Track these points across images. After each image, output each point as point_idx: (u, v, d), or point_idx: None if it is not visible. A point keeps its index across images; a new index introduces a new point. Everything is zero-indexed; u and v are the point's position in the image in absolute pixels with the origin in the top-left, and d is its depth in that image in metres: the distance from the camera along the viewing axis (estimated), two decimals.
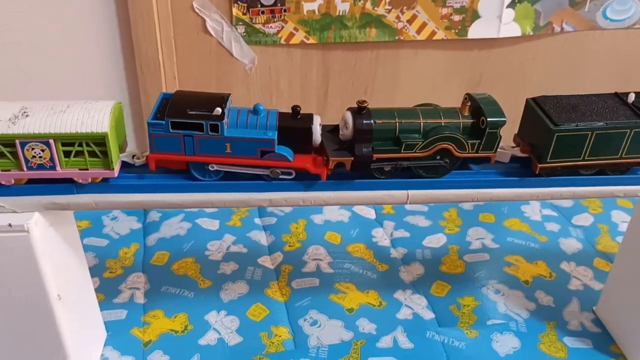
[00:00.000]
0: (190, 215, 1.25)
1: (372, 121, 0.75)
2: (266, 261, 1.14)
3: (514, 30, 1.33)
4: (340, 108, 1.38)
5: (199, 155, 0.73)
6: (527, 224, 1.27)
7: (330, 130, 0.78)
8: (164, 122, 0.71)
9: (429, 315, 1.03)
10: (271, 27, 1.25)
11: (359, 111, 0.75)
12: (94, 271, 1.09)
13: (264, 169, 0.75)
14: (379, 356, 0.94)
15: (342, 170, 0.76)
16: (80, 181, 0.73)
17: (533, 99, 0.81)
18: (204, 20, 1.22)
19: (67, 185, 0.73)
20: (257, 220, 1.26)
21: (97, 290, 0.96)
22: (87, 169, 0.72)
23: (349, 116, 0.75)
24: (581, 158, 0.78)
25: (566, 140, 0.76)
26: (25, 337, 0.80)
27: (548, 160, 0.77)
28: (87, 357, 0.89)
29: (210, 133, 0.72)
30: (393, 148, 0.75)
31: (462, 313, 1.03)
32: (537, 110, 0.79)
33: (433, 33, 1.31)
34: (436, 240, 1.22)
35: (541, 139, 0.77)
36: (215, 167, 0.74)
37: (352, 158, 0.75)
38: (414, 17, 1.29)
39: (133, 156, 0.76)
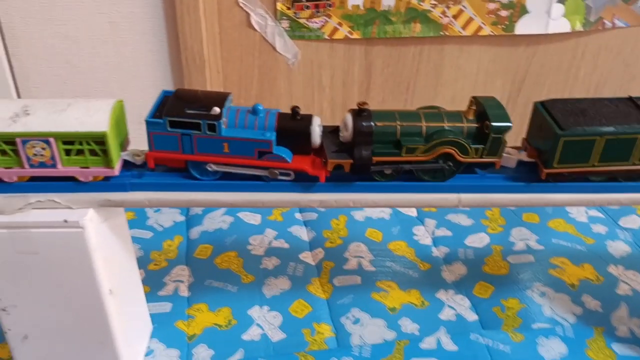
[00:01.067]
0: (232, 209, 1.26)
1: (372, 123, 0.73)
2: (307, 257, 1.15)
3: (563, 26, 1.30)
4: (382, 104, 1.38)
5: (197, 155, 0.74)
6: (572, 225, 1.24)
7: (332, 131, 0.77)
8: (162, 120, 0.71)
9: (472, 316, 1.03)
10: (315, 21, 1.24)
11: (360, 113, 0.74)
12: (139, 263, 1.09)
13: (263, 170, 0.74)
14: (422, 357, 0.94)
15: (342, 172, 0.75)
16: (81, 179, 0.74)
17: (541, 102, 0.79)
18: (248, 15, 1.22)
19: (121, 182, 0.75)
20: (297, 216, 1.26)
21: (142, 282, 0.97)
22: (88, 167, 0.73)
23: (348, 118, 0.74)
24: (590, 164, 0.76)
25: (573, 145, 0.74)
26: (76, 331, 0.82)
27: (555, 166, 0.75)
28: (134, 350, 0.91)
29: (208, 132, 0.72)
30: (393, 151, 0.74)
31: (506, 315, 1.02)
32: (544, 114, 0.76)
33: (479, 29, 1.29)
34: (479, 240, 1.21)
35: (548, 143, 0.75)
36: (214, 167, 0.74)
37: (351, 160, 0.74)
38: (460, 12, 1.27)
39: (134, 154, 0.77)
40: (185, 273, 1.10)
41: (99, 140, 0.71)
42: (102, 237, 0.77)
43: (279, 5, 1.21)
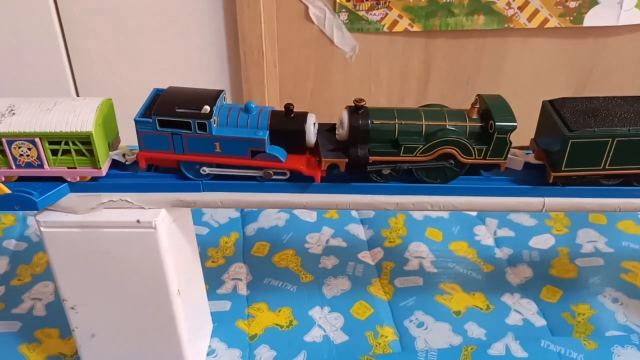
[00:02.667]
0: None
1: (368, 121, 0.70)
2: (366, 257, 1.12)
3: (636, 17, 1.24)
4: (441, 99, 1.34)
5: (189, 154, 0.71)
6: None
7: (329, 130, 0.74)
8: (151, 120, 0.69)
9: (540, 321, 0.99)
10: (375, 14, 1.21)
11: (356, 110, 0.70)
12: None
13: (256, 170, 0.72)
14: None
15: (340, 173, 0.72)
16: (69, 180, 0.72)
17: (550, 101, 0.74)
18: (306, 8, 1.19)
19: (194, 182, 0.73)
20: (354, 214, 1.23)
21: None
22: (76, 168, 0.71)
23: (345, 115, 0.70)
24: (601, 167, 0.71)
25: (583, 147, 0.69)
26: (142, 330, 0.81)
27: (563, 169, 0.70)
28: (197, 349, 0.90)
29: (198, 132, 0.69)
30: (392, 151, 0.70)
31: (576, 322, 0.98)
32: (553, 114, 0.71)
33: (545, 21, 1.24)
34: (543, 242, 1.16)
35: (555, 145, 0.70)
36: (207, 170, 0.72)
37: (347, 160, 0.70)
38: (526, 3, 1.22)
39: (123, 154, 0.75)
40: (243, 271, 1.09)
41: (85, 140, 0.69)
42: (172, 237, 0.75)
43: None
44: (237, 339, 0.96)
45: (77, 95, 1.20)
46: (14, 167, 0.71)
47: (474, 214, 1.24)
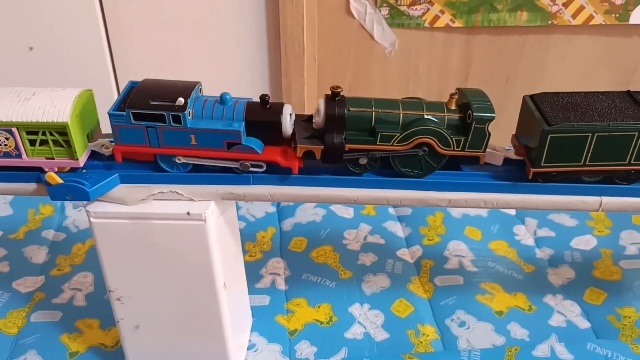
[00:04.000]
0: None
1: (345, 109, 0.69)
2: (405, 254, 1.11)
3: None
4: None
5: (165, 147, 0.70)
6: None
7: (306, 120, 0.73)
8: (125, 113, 0.68)
9: (584, 324, 0.97)
10: (416, 9, 1.20)
11: (333, 98, 0.69)
12: None
13: (233, 162, 0.71)
14: None
15: (319, 166, 0.72)
16: (47, 170, 0.72)
17: (531, 96, 0.73)
18: (348, 2, 1.18)
19: (244, 175, 0.72)
20: (391, 211, 1.22)
21: None
22: (54, 159, 0.71)
23: (321, 103, 0.70)
24: (582, 163, 0.69)
25: (562, 142, 0.68)
26: (187, 323, 0.81)
27: (543, 165, 0.69)
28: (239, 343, 0.90)
29: (173, 124, 0.68)
30: (368, 139, 0.70)
31: (622, 325, 0.96)
32: (533, 109, 0.70)
33: (590, 18, 1.21)
34: (585, 243, 1.14)
35: (535, 140, 0.69)
36: (182, 160, 0.71)
37: (322, 147, 0.69)
38: (571, 0, 1.19)
39: (102, 146, 0.74)
40: (281, 266, 1.08)
41: (62, 130, 0.69)
42: (219, 230, 0.75)
43: None
44: (277, 334, 0.95)
45: (118, 87, 1.21)
46: None
47: (513, 213, 1.23)
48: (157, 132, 0.69)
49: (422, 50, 1.24)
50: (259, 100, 0.71)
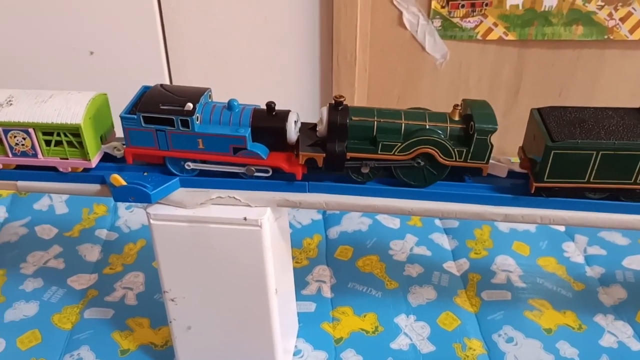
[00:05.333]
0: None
1: (347, 118, 0.69)
2: (451, 267, 1.10)
3: None
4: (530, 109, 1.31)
5: (173, 150, 0.72)
6: None
7: (311, 128, 0.74)
8: (135, 116, 0.70)
9: (637, 346, 0.94)
10: (469, 21, 1.19)
11: (336, 106, 0.70)
12: None
13: (239, 167, 0.72)
14: None
15: (323, 172, 0.73)
16: (61, 170, 0.75)
17: (538, 109, 0.72)
18: (400, 13, 1.19)
19: (299, 182, 0.73)
20: (437, 222, 1.22)
21: None
22: (67, 159, 0.74)
23: (324, 111, 0.70)
24: (585, 180, 0.68)
25: (566, 158, 0.67)
26: (238, 326, 0.82)
27: (545, 180, 0.68)
28: (286, 348, 0.90)
29: (181, 128, 0.70)
30: (369, 147, 0.70)
31: None
32: (539, 123, 0.69)
33: None
34: (638, 262, 1.11)
35: (539, 155, 0.68)
36: (191, 165, 0.73)
37: (324, 154, 0.70)
38: (629, 14, 1.17)
39: (114, 148, 0.76)
40: (327, 273, 1.09)
41: (75, 132, 0.72)
42: (273, 235, 0.76)
43: (434, 4, 1.17)
44: (322, 341, 0.96)
45: None
46: (10, 155, 0.75)
47: (562, 229, 1.21)
48: (166, 136, 0.72)
49: (472, 62, 1.24)
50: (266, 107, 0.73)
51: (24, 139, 0.73)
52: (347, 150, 0.71)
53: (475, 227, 1.19)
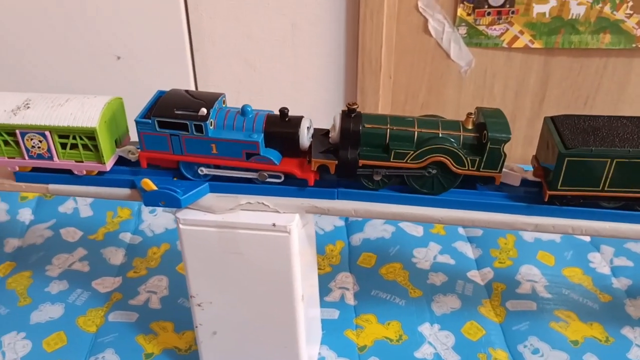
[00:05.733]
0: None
1: (360, 125, 0.69)
2: (475, 276, 1.10)
3: None
4: None
5: (187, 155, 0.73)
6: None
7: (325, 134, 0.74)
8: (150, 120, 0.70)
9: None
10: (495, 29, 1.19)
11: (348, 113, 0.70)
12: None
13: (252, 172, 0.73)
14: None
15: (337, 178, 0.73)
16: (76, 172, 0.76)
17: (552, 117, 0.71)
18: (426, 20, 1.18)
19: (329, 189, 0.73)
20: (461, 231, 1.21)
21: None
22: (82, 162, 0.75)
23: (337, 118, 0.70)
24: (600, 188, 0.67)
25: (580, 166, 0.66)
26: (263, 332, 0.82)
27: (559, 188, 0.68)
28: (310, 355, 0.90)
29: (195, 133, 0.70)
30: (382, 155, 0.70)
31: None
32: (552, 131, 0.68)
33: None
34: None
35: (552, 163, 0.67)
36: (205, 171, 0.74)
37: (336, 161, 0.70)
38: None
39: (129, 151, 0.76)
40: (350, 280, 1.09)
41: (90, 135, 0.73)
42: (301, 242, 0.76)
43: (460, 11, 1.17)
44: (346, 348, 0.95)
45: None
46: (27, 157, 0.76)
47: (588, 239, 1.19)
48: (180, 140, 0.72)
49: (498, 70, 1.23)
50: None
51: (40, 141, 0.74)
52: (360, 157, 0.71)
53: (499, 236, 1.18)
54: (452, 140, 0.70)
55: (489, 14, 1.17)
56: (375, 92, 1.18)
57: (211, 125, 0.71)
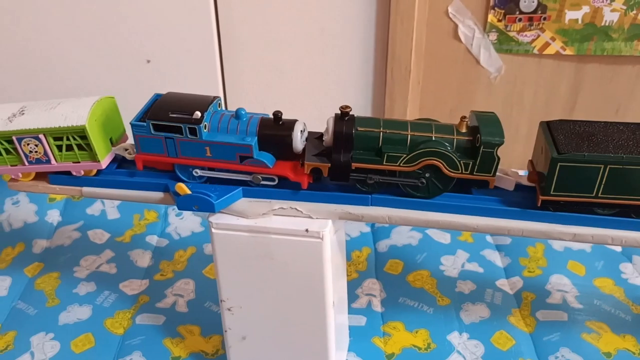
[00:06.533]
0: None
1: (352, 128, 0.69)
2: (504, 285, 1.08)
3: None
4: None
5: (181, 158, 0.73)
6: None
7: (318, 137, 0.74)
8: (145, 124, 0.71)
9: None
10: (526, 35, 1.18)
11: (342, 117, 0.70)
12: None
13: (246, 175, 0.73)
14: None
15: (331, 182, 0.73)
16: (74, 173, 0.76)
17: (547, 122, 0.71)
18: (456, 26, 1.17)
19: (362, 196, 0.73)
20: (489, 239, 1.20)
21: None
22: (79, 162, 0.75)
23: (330, 121, 0.70)
24: (593, 195, 0.67)
25: (572, 171, 0.66)
26: (293, 338, 0.82)
27: (552, 193, 0.67)
28: None
29: (189, 136, 0.71)
30: (374, 158, 0.70)
31: None
32: (547, 136, 0.68)
33: None
34: None
35: (545, 168, 0.67)
36: (199, 173, 0.74)
37: (329, 164, 0.70)
38: None
39: (125, 149, 0.77)
40: (376, 287, 1.08)
41: (81, 134, 0.73)
42: (333, 248, 0.76)
43: (490, 17, 1.16)
44: (373, 355, 0.94)
45: (225, 102, 1.25)
46: (26, 163, 0.77)
47: (619, 249, 1.17)
48: (174, 143, 0.73)
49: (528, 77, 1.22)
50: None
51: (37, 145, 0.75)
52: (353, 160, 0.71)
53: (528, 245, 1.17)
54: (445, 143, 0.70)
55: (520, 20, 1.16)
56: (404, 98, 1.18)
57: (205, 128, 0.72)
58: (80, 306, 1.03)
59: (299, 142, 0.72)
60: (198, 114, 0.71)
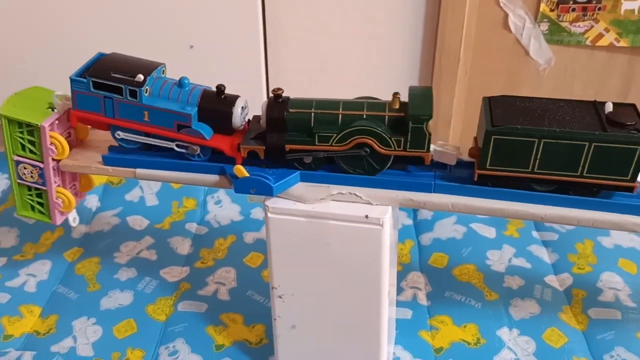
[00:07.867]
0: (463, 218, 1.19)
1: (284, 110, 0.69)
2: (553, 281, 1.05)
3: None
4: None
5: (118, 119, 0.72)
6: None
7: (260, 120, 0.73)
8: (85, 80, 0.71)
9: None
10: (579, 26, 1.14)
11: (275, 99, 0.70)
12: None
13: (181, 143, 0.73)
14: None
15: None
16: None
17: (489, 97, 0.69)
18: (506, 15, 1.15)
19: (425, 182, 0.71)
20: (534, 234, 1.17)
21: None
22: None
23: (264, 105, 0.70)
24: (530, 170, 0.66)
25: (507, 145, 0.65)
26: (344, 328, 0.80)
27: (488, 167, 0.66)
28: (388, 355, 0.88)
29: (129, 98, 0.71)
30: (307, 139, 0.69)
31: None
32: (485, 110, 0.67)
33: None
34: None
35: (481, 141, 0.66)
36: (121, 135, 0.74)
37: (264, 147, 0.70)
38: None
39: (65, 98, 0.78)
40: (421, 280, 1.05)
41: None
42: (390, 236, 0.73)
43: (542, 7, 1.13)
44: (421, 349, 0.92)
45: (267, 88, 1.23)
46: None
47: None
48: (113, 103, 0.72)
49: (578, 69, 1.18)
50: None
51: (25, 168, 0.82)
52: (287, 142, 0.71)
53: (576, 241, 1.14)
54: (374, 120, 0.69)
55: (573, 10, 1.13)
56: (451, 88, 1.15)
57: (146, 93, 0.72)
58: (121, 292, 1.02)
59: (238, 118, 0.73)
60: (141, 77, 0.71)
